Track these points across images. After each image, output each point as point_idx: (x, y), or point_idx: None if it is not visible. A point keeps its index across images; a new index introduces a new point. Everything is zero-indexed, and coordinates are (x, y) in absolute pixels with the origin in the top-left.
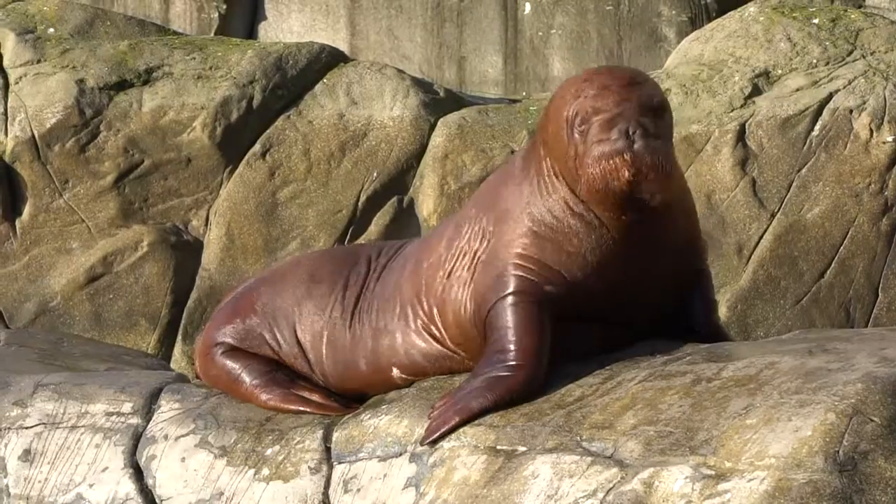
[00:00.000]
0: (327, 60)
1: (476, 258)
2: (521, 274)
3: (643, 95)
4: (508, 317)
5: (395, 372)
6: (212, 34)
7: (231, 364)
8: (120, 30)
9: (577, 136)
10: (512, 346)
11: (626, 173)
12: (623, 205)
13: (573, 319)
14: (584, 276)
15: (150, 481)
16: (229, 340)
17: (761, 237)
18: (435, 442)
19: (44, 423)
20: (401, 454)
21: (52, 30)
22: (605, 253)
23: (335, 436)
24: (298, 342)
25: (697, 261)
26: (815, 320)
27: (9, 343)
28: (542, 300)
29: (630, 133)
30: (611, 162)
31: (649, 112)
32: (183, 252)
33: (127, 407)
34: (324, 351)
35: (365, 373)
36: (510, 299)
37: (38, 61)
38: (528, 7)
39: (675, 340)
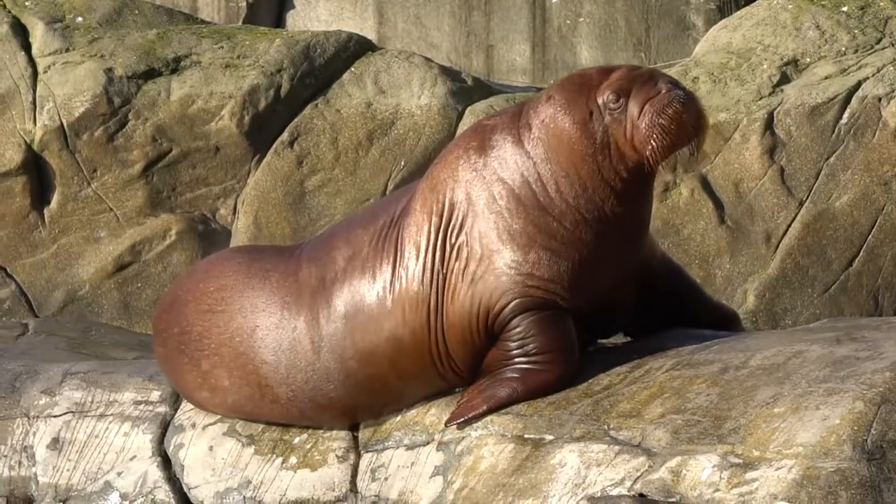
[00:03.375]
0: (355, 49)
1: (470, 271)
2: (535, 294)
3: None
4: (534, 323)
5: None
6: (240, 23)
7: None
8: (148, 19)
9: (611, 117)
10: (543, 345)
11: (693, 113)
12: (674, 159)
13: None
14: (589, 273)
15: (177, 469)
16: None
17: (789, 226)
18: (460, 426)
19: (72, 412)
20: (428, 443)
21: (80, 19)
22: (609, 245)
23: (362, 424)
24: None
25: (652, 247)
26: (843, 309)
27: (37, 331)
28: (559, 307)
29: (676, 83)
30: (674, 107)
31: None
32: (211, 241)
33: (155, 395)
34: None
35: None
36: (530, 313)
37: (67, 50)
38: None
39: (701, 329)
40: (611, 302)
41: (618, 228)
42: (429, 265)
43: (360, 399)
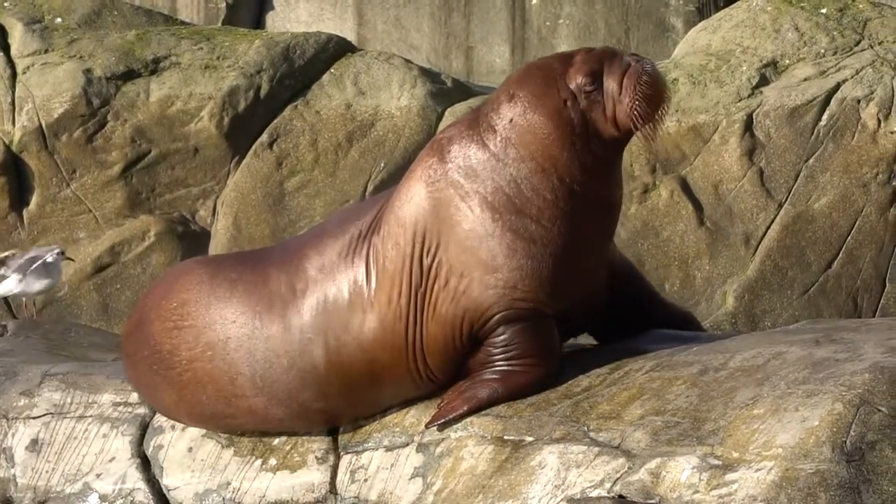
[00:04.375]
0: (335, 50)
1: (451, 287)
2: (521, 306)
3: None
4: (518, 332)
5: None
6: (219, 24)
7: None
8: (127, 20)
9: (588, 100)
10: (525, 350)
11: (661, 79)
12: (658, 121)
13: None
14: (572, 273)
15: (157, 471)
16: None
17: (769, 227)
18: (441, 428)
19: (51, 413)
20: (408, 444)
21: (59, 20)
22: (589, 234)
23: (342, 426)
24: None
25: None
26: (822, 310)
27: (16, 333)
28: (543, 314)
29: (636, 55)
30: (649, 75)
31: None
32: (190, 242)
33: (134, 397)
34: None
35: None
36: (515, 322)
37: (46, 51)
38: None
39: (680, 330)
40: (590, 299)
41: (597, 214)
42: (405, 290)
43: (337, 407)
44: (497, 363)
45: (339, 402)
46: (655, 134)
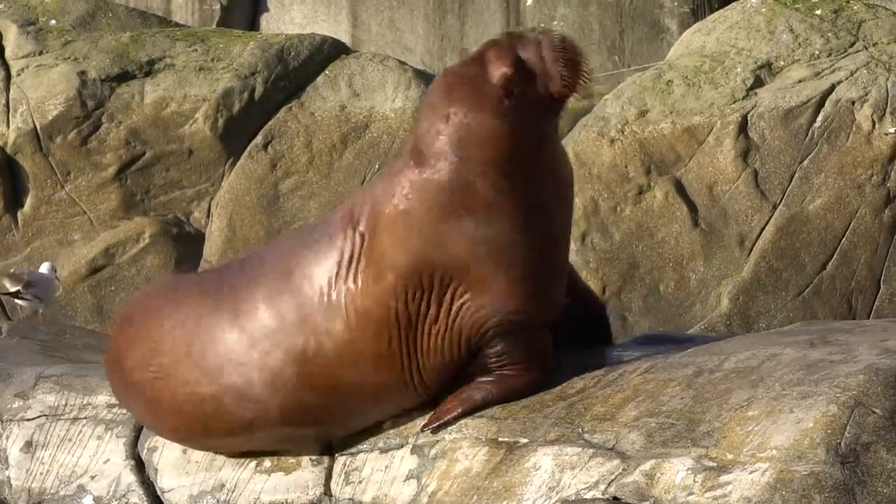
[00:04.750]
0: (329, 52)
1: (443, 315)
2: (514, 319)
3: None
4: (511, 342)
5: None
6: (213, 25)
7: None
8: (121, 21)
9: (519, 86)
10: (518, 358)
11: (571, 42)
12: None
13: None
14: (556, 271)
15: (151, 473)
16: None
17: (763, 229)
18: (435, 430)
19: (45, 415)
20: (402, 446)
21: (53, 21)
22: (556, 218)
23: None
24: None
25: None
26: (816, 312)
27: (10, 335)
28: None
29: (533, 29)
30: (558, 42)
31: None
32: (185, 244)
33: None
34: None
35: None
36: (509, 333)
37: (40, 53)
38: None
39: (673, 332)
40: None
41: (558, 199)
42: (395, 334)
43: (333, 430)
44: (492, 369)
45: (334, 426)
46: (588, 89)
